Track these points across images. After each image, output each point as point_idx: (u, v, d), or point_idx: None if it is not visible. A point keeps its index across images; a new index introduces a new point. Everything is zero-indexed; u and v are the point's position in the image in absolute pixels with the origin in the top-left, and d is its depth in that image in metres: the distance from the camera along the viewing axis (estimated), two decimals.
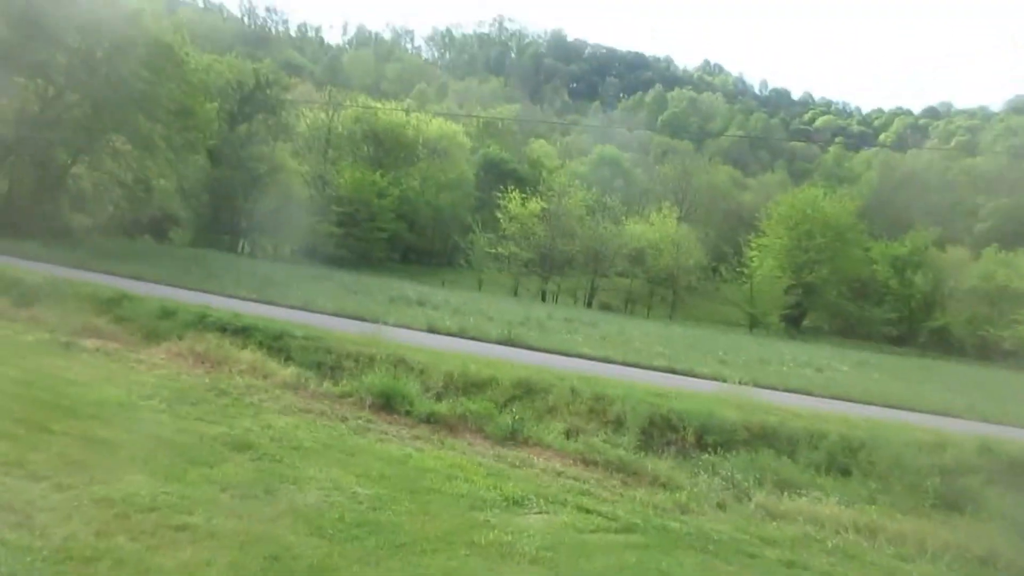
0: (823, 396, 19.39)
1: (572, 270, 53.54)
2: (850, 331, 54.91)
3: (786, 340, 43.06)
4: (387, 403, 10.60)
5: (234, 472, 6.66)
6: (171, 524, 5.48)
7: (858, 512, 9.24)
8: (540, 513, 6.85)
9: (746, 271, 52.38)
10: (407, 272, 55.00)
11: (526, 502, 7.06)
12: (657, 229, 53.21)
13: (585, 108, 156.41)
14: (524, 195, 52.51)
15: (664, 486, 9.01)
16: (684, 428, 12.94)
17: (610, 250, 51.39)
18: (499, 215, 52.51)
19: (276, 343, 15.45)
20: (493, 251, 51.20)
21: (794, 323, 53.60)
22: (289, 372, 11.51)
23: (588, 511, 7.08)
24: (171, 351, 12.07)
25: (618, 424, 13.13)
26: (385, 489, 6.76)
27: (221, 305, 18.59)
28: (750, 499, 9.13)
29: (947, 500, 10.99)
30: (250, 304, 21.53)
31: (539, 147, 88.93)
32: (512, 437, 9.70)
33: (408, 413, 10.45)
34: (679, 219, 62.71)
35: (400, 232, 58.73)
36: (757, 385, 19.80)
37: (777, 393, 18.90)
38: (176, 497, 5.87)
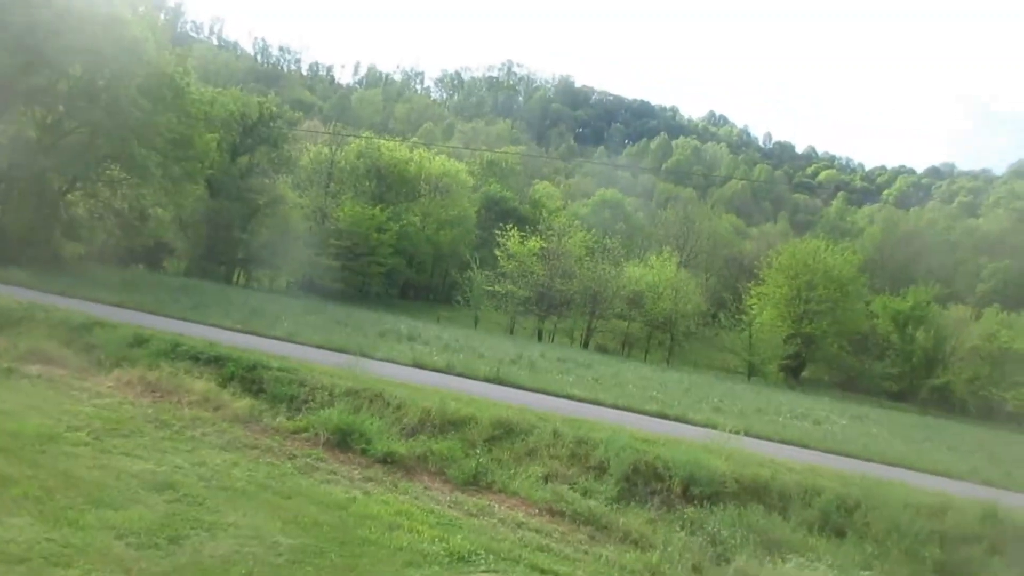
0: (819, 450, 18.61)
1: (570, 310, 52.87)
2: (850, 384, 54.04)
3: (784, 390, 42.19)
4: (343, 440, 9.88)
5: (140, 516, 5.97)
6: None
7: None
8: (487, 572, 6.14)
9: (745, 319, 51.72)
10: (404, 307, 54.47)
11: (473, 558, 6.35)
12: (656, 272, 52.69)
13: (590, 153, 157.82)
14: (523, 234, 52.22)
15: (636, 543, 8.26)
16: (670, 477, 12.19)
17: (608, 291, 50.85)
18: (497, 253, 52.13)
19: (249, 374, 14.82)
20: (490, 288, 50.66)
21: (793, 373, 52.73)
22: (242, 404, 10.83)
23: (543, 572, 6.36)
24: (120, 379, 11.42)
25: (600, 470, 12.39)
26: (313, 539, 6.06)
27: (201, 335, 18.06)
28: (729, 563, 8.34)
29: (947, 570, 10.22)
30: (233, 334, 21.00)
31: (542, 188, 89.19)
32: (475, 481, 8.94)
33: (364, 452, 9.73)
34: (680, 264, 62.29)
35: (399, 267, 58.36)
36: (751, 435, 19.10)
37: (772, 444, 18.14)
38: (58, 545, 5.18)
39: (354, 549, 6.11)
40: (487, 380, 20.57)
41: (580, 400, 19.93)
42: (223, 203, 46.92)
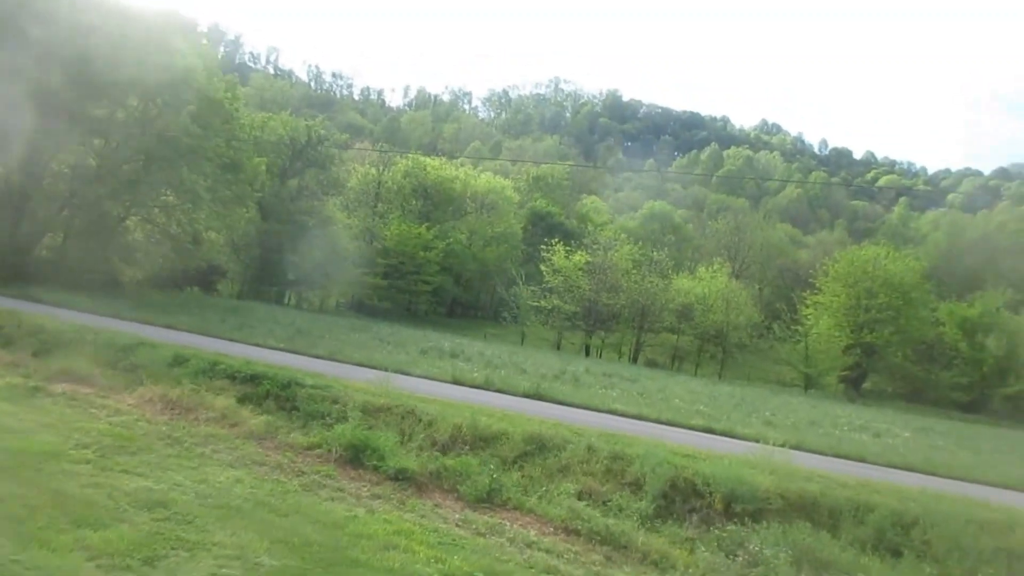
0: (878, 464, 17.65)
1: (618, 325, 52.09)
2: (915, 396, 51.55)
3: (844, 403, 40.48)
4: (356, 457, 9.63)
5: (121, 535, 5.79)
6: None
7: None
8: None
9: (800, 329, 50.00)
10: (451, 325, 54.53)
11: None
12: (706, 284, 51.48)
13: (639, 167, 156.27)
14: (569, 248, 51.80)
15: (656, 564, 7.72)
16: (711, 494, 11.59)
17: (656, 305, 49.91)
18: (543, 268, 51.82)
19: (284, 392, 14.84)
20: (536, 304, 50.31)
21: (854, 385, 50.63)
22: (259, 421, 10.71)
23: None
24: (143, 397, 11.46)
25: (636, 487, 11.88)
26: (299, 560, 5.78)
27: (244, 354, 18.26)
28: None
29: None
30: (277, 353, 21.23)
31: (590, 203, 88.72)
32: (489, 499, 8.54)
33: (376, 468, 9.44)
34: (732, 275, 60.85)
35: (445, 285, 58.56)
36: (804, 449, 18.25)
37: (825, 459, 17.26)
38: (22, 567, 5.00)
39: (340, 571, 5.81)
40: (526, 396, 20.28)
41: (622, 415, 19.44)
42: (273, 225, 47.94)
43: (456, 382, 21.08)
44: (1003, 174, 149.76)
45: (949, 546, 10.17)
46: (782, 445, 18.05)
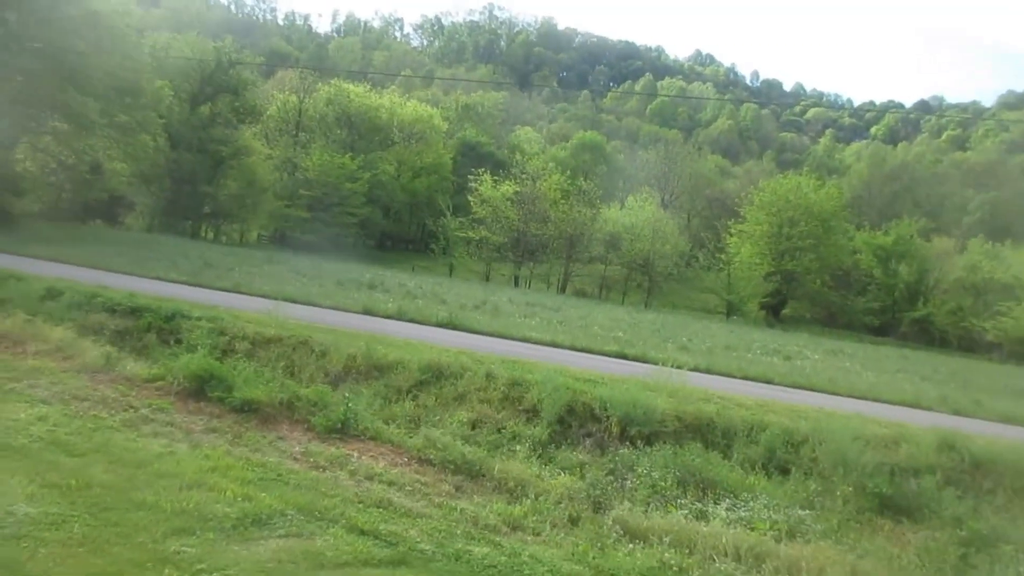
0: (783, 385, 17.95)
1: (546, 256, 51.89)
2: (831, 321, 53.56)
3: (763, 329, 41.63)
4: (200, 389, 8.91)
5: None
6: None
7: (743, 533, 7.50)
8: (284, 537, 5.22)
9: (723, 257, 50.83)
10: (379, 258, 53.40)
11: (273, 521, 5.40)
12: (634, 214, 51.45)
13: (574, 97, 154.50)
14: (497, 178, 50.83)
15: (510, 493, 7.37)
16: (608, 418, 11.38)
17: (585, 235, 49.77)
18: (470, 198, 50.83)
19: (167, 324, 13.92)
20: (464, 235, 49.52)
21: (774, 312, 52.13)
22: (98, 354, 9.81)
23: (363, 532, 5.45)
24: None
25: (533, 413, 11.59)
26: (66, 507, 5.08)
27: (139, 287, 17.07)
28: (607, 512, 7.45)
29: (895, 503, 9.46)
30: (177, 286, 20.11)
31: (524, 134, 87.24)
32: (343, 429, 8.00)
33: (222, 400, 8.75)
34: (661, 205, 61.12)
35: (374, 218, 56.94)
36: (712, 372, 18.42)
37: (733, 381, 17.44)
38: None
39: (114, 516, 5.15)
40: (440, 325, 19.83)
41: (536, 343, 19.20)
42: (184, 155, 45.21)
43: (367, 312, 20.46)
44: (924, 107, 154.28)
45: (835, 462, 10.22)
46: (693, 368, 18.29)
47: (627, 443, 10.81)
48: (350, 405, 8.11)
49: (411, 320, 20.10)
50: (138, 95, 34.14)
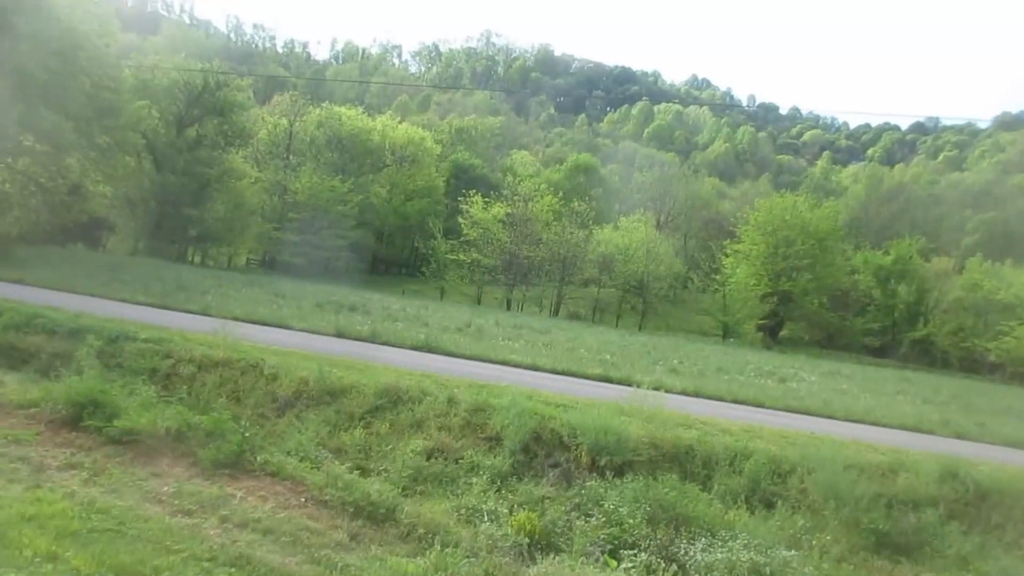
0: (775, 408, 16.95)
1: (539, 278, 50.95)
2: (830, 342, 52.44)
3: (760, 351, 40.57)
4: (79, 416, 7.91)
5: None
6: None
7: None
8: None
9: (719, 278, 49.90)
10: (370, 282, 52.46)
11: None
12: (628, 235, 50.60)
13: (571, 122, 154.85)
14: (488, 200, 50.11)
15: (419, 541, 6.34)
16: (577, 446, 10.40)
17: (578, 256, 48.87)
18: (461, 220, 50.05)
19: (110, 347, 12.99)
20: (455, 258, 48.64)
21: (771, 333, 51.02)
22: None
23: None
24: None
25: (496, 441, 10.61)
26: None
27: (91, 309, 16.17)
28: (532, 565, 6.41)
29: (892, 541, 8.45)
30: (143, 309, 19.28)
31: (519, 157, 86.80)
32: (237, 463, 6.95)
33: (100, 430, 7.75)
34: (656, 227, 60.36)
35: (364, 241, 56.18)
36: (701, 395, 17.43)
37: (722, 404, 16.46)
38: None
39: None
40: (415, 348, 18.97)
41: (515, 366, 18.30)
42: (169, 177, 44.41)
43: (340, 335, 19.56)
44: (919, 128, 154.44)
45: (826, 493, 9.25)
46: (681, 391, 17.31)
47: (596, 474, 9.83)
48: (246, 436, 7.07)
49: (385, 343, 19.23)
50: (117, 116, 33.49)
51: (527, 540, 7.26)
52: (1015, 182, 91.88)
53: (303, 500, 6.40)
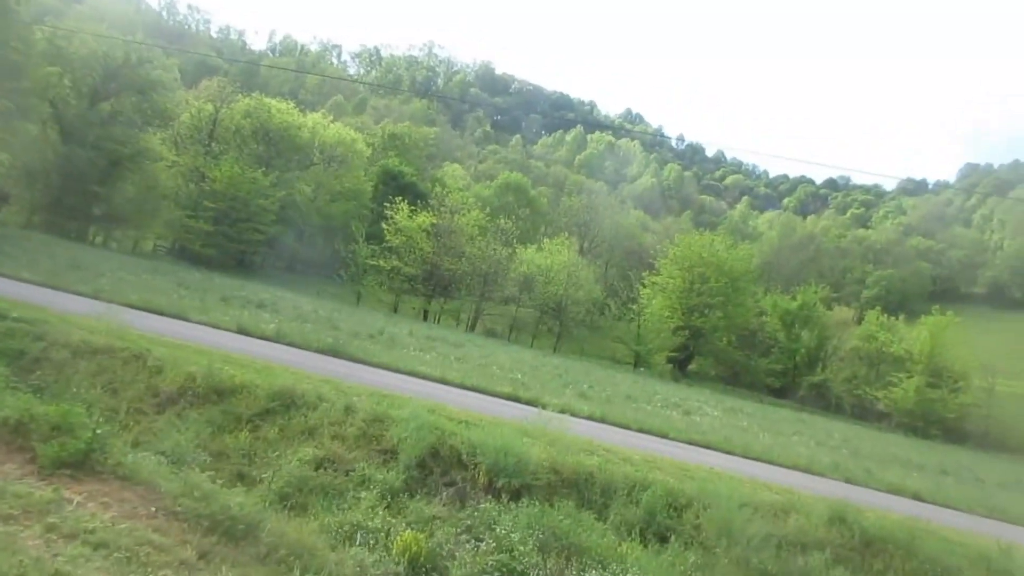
0: (678, 440, 17.08)
1: (459, 292, 50.55)
2: (735, 379, 54.21)
3: (668, 382, 41.37)
4: None
5: None
6: None
7: None
8: None
9: (635, 308, 50.85)
10: (285, 280, 50.77)
11: None
12: (551, 256, 50.93)
13: (506, 140, 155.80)
14: (414, 208, 49.45)
15: (279, 564, 5.82)
16: (475, 465, 10.03)
17: (499, 273, 48.75)
18: (385, 226, 49.13)
19: None
20: (375, 263, 47.64)
21: (680, 366, 52.30)
22: None
23: None
24: None
25: (392, 454, 10.12)
26: None
27: None
28: None
29: None
30: (27, 286, 17.84)
31: (451, 170, 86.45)
32: (84, 463, 6.22)
33: None
34: (579, 252, 61.03)
35: (283, 238, 54.44)
36: (607, 421, 17.38)
37: (628, 433, 16.43)
38: None
39: None
40: (320, 351, 18.14)
41: (424, 377, 17.75)
42: (77, 150, 41.76)
43: (242, 332, 18.56)
44: (831, 184, 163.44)
45: (720, 530, 9.20)
46: (588, 416, 17.22)
47: (492, 496, 9.48)
48: (97, 433, 6.35)
49: (289, 343, 18.33)
50: (20, 78, 31.27)
51: (408, 565, 6.83)
52: (913, 244, 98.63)
53: (152, 510, 5.69)
